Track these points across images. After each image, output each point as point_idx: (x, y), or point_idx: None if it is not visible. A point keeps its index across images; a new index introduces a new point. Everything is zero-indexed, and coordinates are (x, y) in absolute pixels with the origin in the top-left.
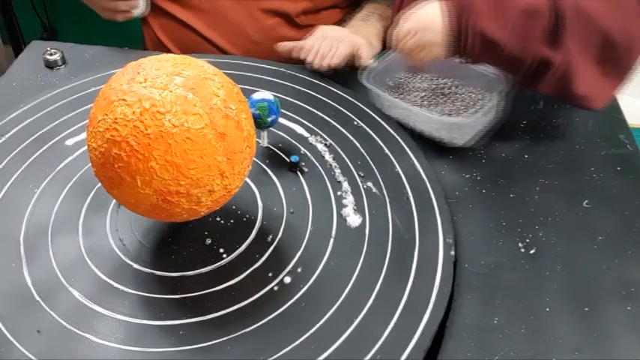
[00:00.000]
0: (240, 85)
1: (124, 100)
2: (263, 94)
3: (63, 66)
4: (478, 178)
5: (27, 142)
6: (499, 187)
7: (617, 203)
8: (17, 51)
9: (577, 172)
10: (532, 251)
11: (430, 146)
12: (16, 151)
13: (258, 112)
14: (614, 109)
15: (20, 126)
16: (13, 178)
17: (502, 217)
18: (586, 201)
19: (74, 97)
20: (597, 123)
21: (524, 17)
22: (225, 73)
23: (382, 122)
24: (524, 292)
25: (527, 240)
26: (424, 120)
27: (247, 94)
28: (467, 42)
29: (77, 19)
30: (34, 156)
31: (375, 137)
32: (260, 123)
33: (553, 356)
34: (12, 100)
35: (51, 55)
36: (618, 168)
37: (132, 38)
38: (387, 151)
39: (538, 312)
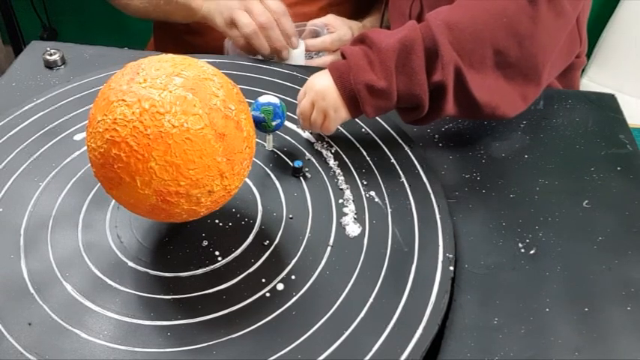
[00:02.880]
0: (248, 87)
1: (123, 100)
2: (269, 98)
3: (63, 66)
4: (478, 178)
5: (35, 135)
6: (499, 187)
7: (617, 203)
8: (17, 51)
9: (577, 172)
10: (532, 251)
11: (431, 146)
12: (24, 144)
13: (262, 115)
14: (614, 109)
15: (30, 120)
16: (19, 171)
17: (502, 217)
18: (586, 201)
19: (75, 97)
20: (597, 123)
21: (400, 56)
22: (233, 73)
23: (392, 132)
24: (524, 293)
25: (527, 240)
26: None
27: (254, 96)
28: (359, 98)
29: (77, 19)
30: (42, 150)
31: (383, 146)
32: (264, 127)
33: (553, 356)
34: (12, 100)
35: (51, 55)
36: (618, 168)
37: (132, 38)
38: (393, 160)
39: (538, 312)
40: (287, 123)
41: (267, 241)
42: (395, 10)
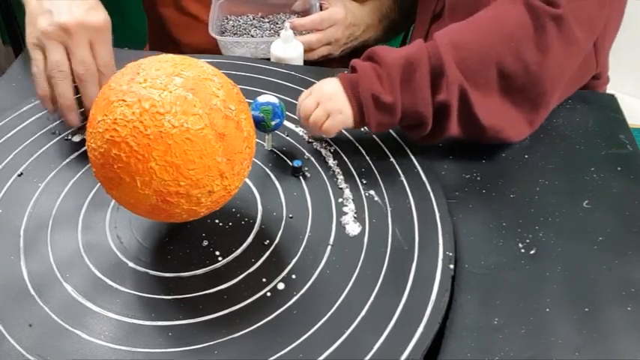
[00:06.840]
0: (248, 87)
1: (123, 100)
2: (268, 98)
3: None
4: (478, 178)
5: (35, 135)
6: (499, 187)
7: (618, 203)
8: (17, 51)
9: (577, 172)
10: (532, 251)
11: (431, 146)
12: (24, 144)
13: (262, 115)
14: (614, 109)
15: (30, 120)
16: (19, 171)
17: (502, 217)
18: (586, 201)
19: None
20: (597, 123)
21: (405, 72)
22: (233, 73)
23: (391, 131)
24: (525, 293)
25: (528, 240)
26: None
27: (254, 96)
28: (365, 107)
29: None
30: (42, 150)
31: (382, 146)
32: (264, 126)
33: (553, 356)
34: (12, 100)
35: None
36: (618, 168)
37: (132, 38)
38: (392, 159)
39: (538, 312)
40: (286, 123)
41: (268, 241)
42: (423, 5)
